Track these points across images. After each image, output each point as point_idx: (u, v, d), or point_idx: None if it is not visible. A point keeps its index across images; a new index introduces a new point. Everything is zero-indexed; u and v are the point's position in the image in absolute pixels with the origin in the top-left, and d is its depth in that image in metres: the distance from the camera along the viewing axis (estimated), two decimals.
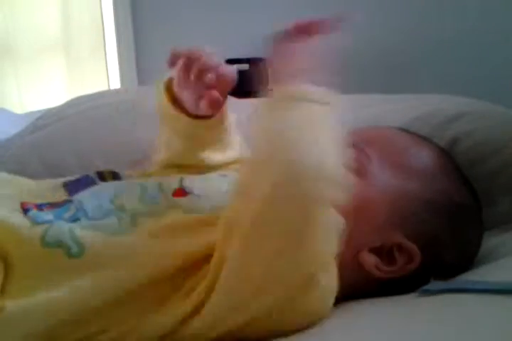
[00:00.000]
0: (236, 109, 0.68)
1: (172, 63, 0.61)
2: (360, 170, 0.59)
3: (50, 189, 0.63)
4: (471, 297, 0.49)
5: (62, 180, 0.65)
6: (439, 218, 0.59)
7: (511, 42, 2.36)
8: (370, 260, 0.57)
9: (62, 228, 0.54)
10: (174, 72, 0.63)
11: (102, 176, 0.67)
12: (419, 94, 0.97)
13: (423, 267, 0.57)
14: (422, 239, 0.57)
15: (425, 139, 0.67)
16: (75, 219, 0.56)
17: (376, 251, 0.57)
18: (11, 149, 0.99)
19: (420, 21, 2.55)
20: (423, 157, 0.63)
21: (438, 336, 0.43)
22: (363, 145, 0.61)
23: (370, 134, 0.66)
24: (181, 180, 0.62)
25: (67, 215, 0.57)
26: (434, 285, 0.52)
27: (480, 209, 0.64)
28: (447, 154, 0.67)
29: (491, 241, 0.67)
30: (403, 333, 0.45)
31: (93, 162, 0.92)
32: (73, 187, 0.63)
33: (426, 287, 0.52)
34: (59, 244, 0.53)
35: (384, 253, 0.57)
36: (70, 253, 0.53)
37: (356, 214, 0.57)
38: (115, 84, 3.16)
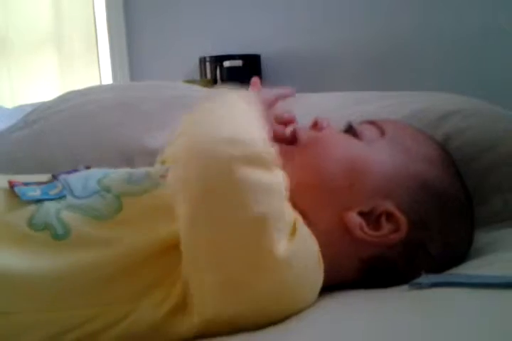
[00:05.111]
0: None
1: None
2: (370, 138, 0.63)
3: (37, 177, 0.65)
4: (462, 290, 0.49)
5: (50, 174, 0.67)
6: (432, 202, 0.60)
7: (510, 41, 2.36)
8: (355, 220, 0.57)
9: (49, 210, 0.56)
10: None
11: None
12: (412, 92, 0.97)
13: (407, 251, 0.58)
14: (412, 216, 0.58)
15: (430, 136, 0.70)
16: (61, 196, 0.58)
17: (364, 215, 0.58)
18: (1, 145, 0.98)
19: (419, 20, 2.55)
20: (429, 147, 0.65)
21: (427, 330, 0.43)
22: (382, 123, 0.66)
23: (387, 120, 0.70)
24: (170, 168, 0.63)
25: (53, 192, 0.58)
26: (425, 278, 0.53)
27: (471, 208, 0.64)
28: (448, 152, 0.69)
29: (481, 240, 0.67)
30: (391, 326, 0.45)
31: (84, 157, 0.92)
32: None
33: (417, 280, 0.52)
34: (45, 226, 0.54)
35: (372, 219, 0.58)
36: (56, 236, 0.54)
37: (353, 173, 0.59)
38: (107, 79, 3.15)
